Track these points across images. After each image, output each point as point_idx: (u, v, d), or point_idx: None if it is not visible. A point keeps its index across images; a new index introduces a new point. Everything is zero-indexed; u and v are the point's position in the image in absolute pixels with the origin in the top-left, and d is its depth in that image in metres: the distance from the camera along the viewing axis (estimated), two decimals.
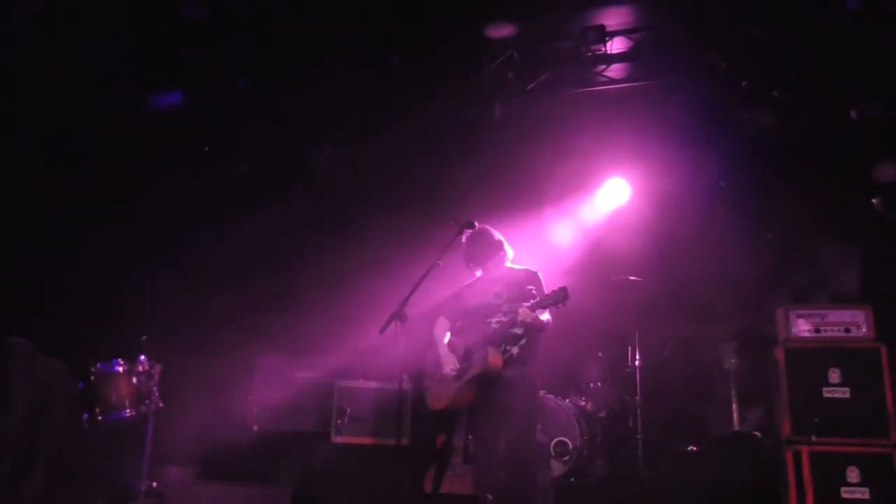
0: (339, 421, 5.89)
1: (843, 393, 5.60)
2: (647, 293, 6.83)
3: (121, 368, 5.09)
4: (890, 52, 5.43)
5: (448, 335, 5.04)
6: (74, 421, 4.88)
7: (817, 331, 5.85)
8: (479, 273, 5.02)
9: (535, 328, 4.65)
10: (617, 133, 7.29)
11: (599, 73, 6.79)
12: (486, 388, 4.68)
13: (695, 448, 5.21)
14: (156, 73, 6.58)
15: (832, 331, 5.81)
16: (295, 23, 6.03)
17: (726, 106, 6.55)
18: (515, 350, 4.68)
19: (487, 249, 4.90)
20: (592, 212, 7.60)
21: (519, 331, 4.69)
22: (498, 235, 5.00)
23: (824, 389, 5.63)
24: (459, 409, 4.95)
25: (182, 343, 5.87)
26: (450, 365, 4.80)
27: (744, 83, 6.17)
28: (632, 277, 6.58)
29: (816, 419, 5.50)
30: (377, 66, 6.47)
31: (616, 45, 6.64)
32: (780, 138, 6.57)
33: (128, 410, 5.00)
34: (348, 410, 5.89)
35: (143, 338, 5.20)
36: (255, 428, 6.13)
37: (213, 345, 6.24)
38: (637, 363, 6.57)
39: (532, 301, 4.56)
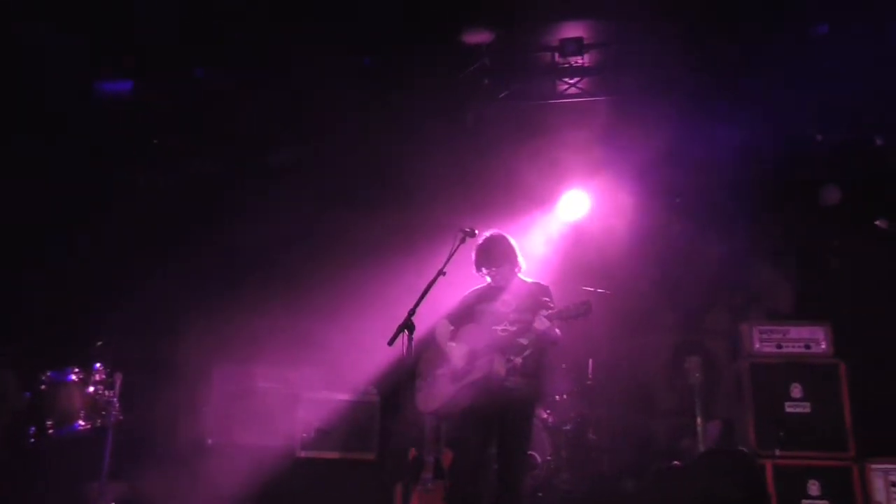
0: (304, 434, 5.61)
1: (805, 408, 5.78)
2: (611, 306, 6.85)
3: (75, 377, 4.67)
4: (848, 79, 5.65)
5: (449, 339, 4.85)
6: (18, 435, 4.42)
7: (779, 346, 6.03)
8: (488, 279, 4.88)
9: (547, 340, 4.53)
10: (581, 145, 7.32)
11: (572, 85, 6.79)
12: (485, 395, 4.53)
13: (678, 463, 5.23)
14: (113, 61, 6.13)
15: (793, 347, 6.00)
16: (270, 18, 5.75)
17: (690, 123, 6.65)
18: (519, 360, 4.54)
19: (501, 256, 4.77)
20: (556, 223, 7.59)
21: (524, 341, 4.55)
22: (514, 244, 4.89)
23: (787, 404, 5.80)
24: (450, 413, 4.73)
25: (132, 350, 5.46)
26: (455, 360, 4.62)
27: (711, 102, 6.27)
28: (600, 290, 6.58)
29: (781, 433, 5.64)
30: (351, 66, 6.24)
31: (587, 59, 6.66)
32: (738, 158, 6.72)
33: (81, 422, 4.57)
34: (315, 424, 5.61)
35: (98, 343, 4.79)
36: (210, 441, 5.75)
37: (165, 352, 5.83)
38: (602, 377, 6.59)
39: (551, 311, 4.46)
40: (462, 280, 4.88)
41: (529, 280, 4.89)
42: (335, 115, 6.87)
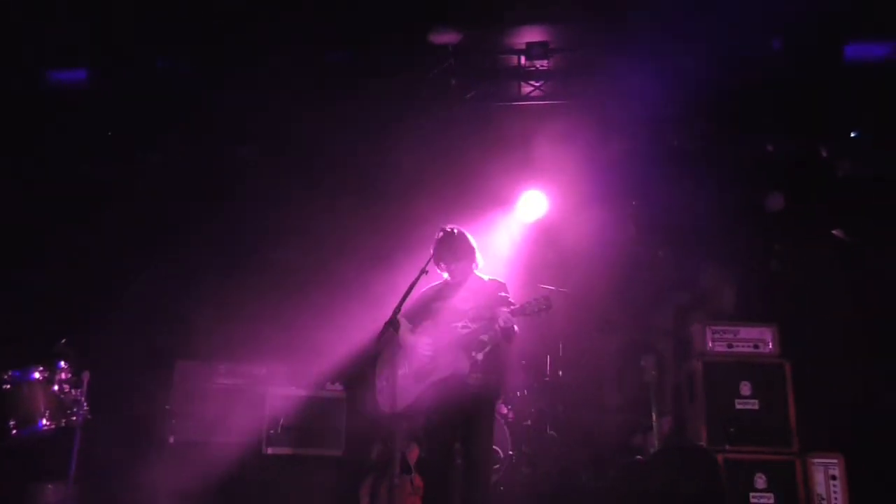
0: (271, 431, 5.58)
1: (753, 405, 6.07)
2: (569, 304, 7.03)
3: (38, 375, 4.54)
4: (807, 93, 5.95)
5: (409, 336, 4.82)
6: None
7: (730, 346, 6.32)
8: (445, 276, 4.89)
9: (506, 336, 4.54)
10: (542, 147, 7.45)
11: (536, 88, 6.91)
12: (449, 393, 4.51)
13: (641, 458, 5.43)
14: (67, 49, 5.94)
15: (743, 346, 6.30)
16: (238, 10, 5.66)
17: (651, 130, 6.87)
18: (480, 357, 4.58)
19: (459, 252, 4.77)
20: (515, 222, 7.72)
21: (485, 338, 4.59)
22: (472, 241, 4.91)
23: (737, 401, 6.09)
24: (415, 413, 4.75)
25: (92, 346, 5.33)
26: (417, 360, 4.62)
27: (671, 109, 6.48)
28: (560, 289, 6.75)
29: (731, 429, 5.91)
30: (317, 62, 6.21)
31: (551, 62, 6.81)
32: (699, 166, 6.97)
33: (45, 422, 4.44)
34: (281, 420, 5.59)
35: (62, 341, 4.66)
36: (172, 439, 5.66)
37: (125, 347, 5.71)
38: (560, 373, 6.77)
39: (513, 307, 4.49)
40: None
41: (486, 277, 4.92)
42: (300, 112, 6.83)
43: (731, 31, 6.15)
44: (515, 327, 4.52)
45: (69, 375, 4.63)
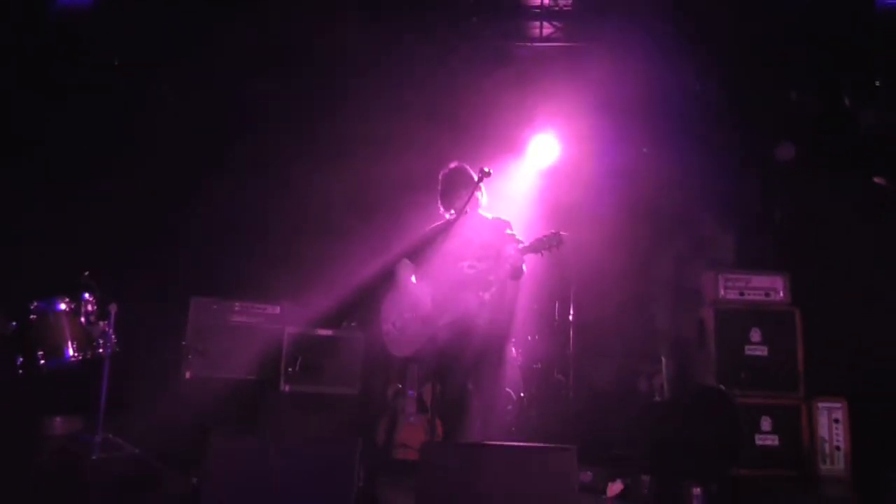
0: (290, 369, 5.58)
1: (762, 351, 6.19)
2: (578, 250, 7.03)
3: (64, 306, 4.47)
4: (834, 41, 5.90)
5: (413, 278, 4.77)
6: (6, 365, 4.22)
7: (741, 294, 6.41)
8: (448, 215, 4.80)
9: (513, 274, 4.47)
10: (555, 89, 7.35)
11: (558, 29, 6.80)
12: (459, 335, 4.49)
13: (658, 400, 5.54)
14: None
15: (754, 294, 6.39)
16: None
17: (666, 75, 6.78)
18: (487, 296, 4.50)
19: (463, 189, 4.68)
20: (526, 166, 7.66)
21: (492, 277, 4.50)
22: (476, 177, 4.74)
23: (746, 347, 6.21)
24: (426, 356, 4.72)
25: (107, 281, 5.25)
26: (422, 308, 4.58)
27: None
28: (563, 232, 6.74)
29: (742, 374, 6.03)
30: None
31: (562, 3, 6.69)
32: (707, 111, 6.92)
33: (72, 353, 4.40)
34: (300, 358, 5.59)
35: (85, 273, 4.58)
36: (188, 374, 5.65)
37: (140, 282, 5.63)
38: (571, 318, 6.82)
39: (524, 244, 4.39)
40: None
41: (489, 215, 4.85)
42: (305, 49, 6.66)
43: None
44: (524, 266, 4.47)
45: (95, 307, 4.57)
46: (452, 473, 3.05)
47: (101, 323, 4.52)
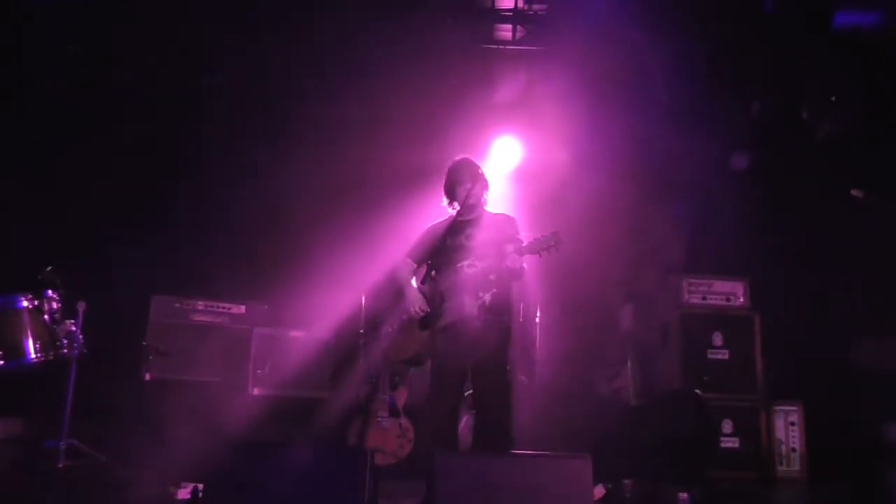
0: (258, 371, 5.39)
1: (724, 354, 6.36)
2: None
3: (26, 303, 4.17)
4: (794, 56, 6.12)
5: (413, 279, 4.60)
6: None
7: (704, 298, 6.57)
8: (452, 209, 4.60)
9: (513, 275, 4.34)
10: (522, 92, 7.38)
11: (529, 32, 6.81)
12: (456, 338, 4.30)
13: (635, 404, 5.59)
14: None
15: (716, 299, 6.56)
16: None
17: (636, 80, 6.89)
18: (488, 298, 4.34)
19: (468, 183, 4.50)
20: (489, 165, 7.64)
21: (493, 277, 4.33)
22: (483, 171, 4.63)
23: (709, 350, 6.36)
24: (424, 359, 4.53)
25: (65, 277, 4.96)
26: (418, 307, 4.41)
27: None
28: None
29: (705, 377, 6.17)
30: None
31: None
32: (668, 119, 7.05)
33: (34, 354, 4.11)
34: (269, 360, 5.41)
35: (47, 269, 4.29)
36: (148, 376, 5.39)
37: (99, 279, 5.33)
38: (537, 320, 6.84)
39: (520, 245, 4.25)
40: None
41: (494, 211, 4.70)
42: (271, 43, 6.48)
43: None
44: (524, 265, 4.34)
45: (60, 305, 4.29)
46: (469, 483, 2.97)
47: (68, 322, 4.24)
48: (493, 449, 4.27)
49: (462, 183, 4.50)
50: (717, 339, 6.38)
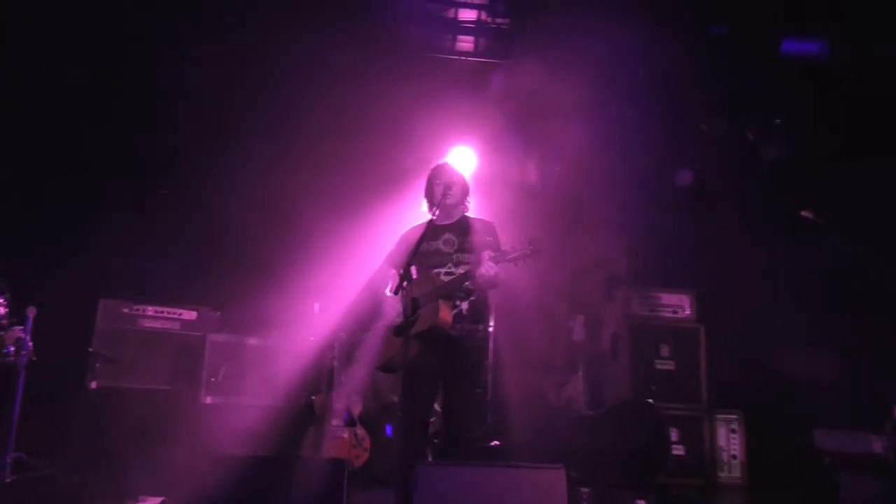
0: (213, 378, 5.25)
1: (671, 365, 6.56)
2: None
3: None
4: (743, 79, 6.37)
5: (389, 287, 4.48)
6: None
7: (652, 310, 6.76)
8: (432, 214, 4.46)
9: (489, 284, 4.27)
10: (478, 103, 7.43)
11: (494, 45, 6.88)
12: (431, 346, 4.23)
13: (591, 414, 5.69)
14: None
15: (664, 311, 6.76)
16: None
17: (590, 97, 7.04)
18: (465, 306, 4.29)
19: (448, 188, 4.40)
20: None
21: (469, 285, 4.26)
22: (464, 177, 4.58)
23: (656, 361, 6.55)
24: (397, 366, 4.35)
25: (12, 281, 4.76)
26: (394, 314, 4.34)
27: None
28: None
29: (653, 387, 6.35)
30: None
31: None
32: (621, 136, 7.24)
33: None
34: (224, 368, 5.28)
35: None
36: (94, 384, 5.19)
37: (45, 283, 5.11)
38: (491, 329, 6.89)
39: (497, 254, 4.17)
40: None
41: (473, 216, 4.63)
42: (227, 49, 6.36)
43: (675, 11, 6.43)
44: (502, 275, 4.26)
45: (6, 310, 4.09)
46: (447, 493, 2.98)
47: (17, 328, 4.05)
48: (460, 457, 4.26)
49: (441, 190, 4.44)
50: (665, 350, 6.58)
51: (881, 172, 5.94)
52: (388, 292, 4.45)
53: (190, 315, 5.64)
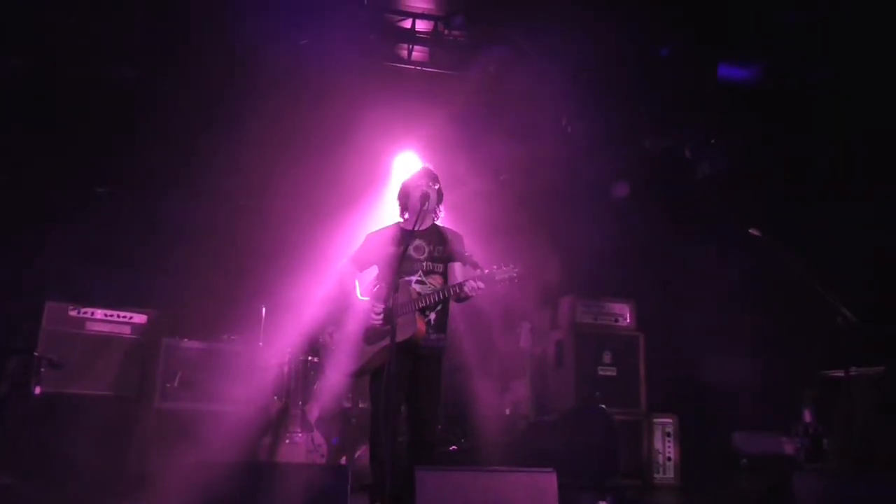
0: (167, 384, 5.11)
1: (612, 371, 6.84)
2: None
3: None
4: (682, 100, 6.75)
5: (358, 286, 4.47)
6: None
7: (595, 319, 7.03)
8: (402, 219, 4.49)
9: (463, 297, 4.26)
10: (424, 112, 7.54)
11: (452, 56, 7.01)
12: (402, 356, 4.16)
13: (547, 419, 5.85)
14: None
15: (606, 319, 7.05)
16: None
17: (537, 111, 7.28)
18: (433, 316, 4.31)
19: (423, 193, 4.32)
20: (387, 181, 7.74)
21: (437, 297, 4.25)
22: (438, 183, 4.49)
23: (599, 368, 6.82)
24: (366, 372, 4.37)
25: None
26: (371, 318, 4.28)
27: None
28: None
29: (597, 393, 6.61)
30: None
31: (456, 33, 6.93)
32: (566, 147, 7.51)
33: None
34: (179, 373, 5.14)
35: None
36: (38, 390, 4.96)
37: None
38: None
39: (483, 273, 4.15)
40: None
41: (441, 225, 4.61)
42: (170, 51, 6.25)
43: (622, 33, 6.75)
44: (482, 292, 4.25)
45: None
46: (447, 497, 3.04)
47: None
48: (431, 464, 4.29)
49: (416, 195, 4.39)
50: (607, 356, 6.86)
51: (805, 186, 6.46)
52: (359, 296, 4.45)
53: (140, 318, 5.48)
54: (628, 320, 7.05)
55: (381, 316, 4.35)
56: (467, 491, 3.13)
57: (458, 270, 4.43)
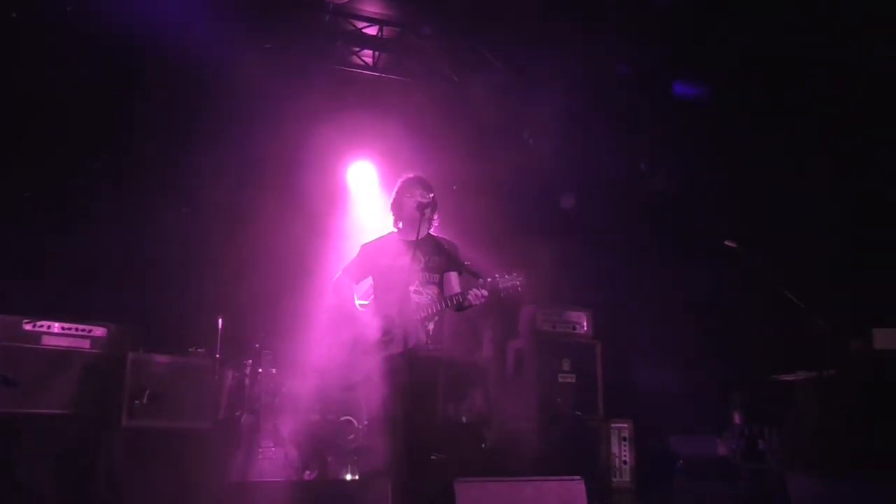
0: (136, 401, 4.82)
1: (571, 378, 6.97)
2: None
3: None
4: (639, 116, 6.99)
5: (356, 298, 4.42)
6: None
7: (554, 327, 7.15)
8: (397, 228, 4.46)
9: (464, 308, 4.28)
10: (378, 118, 7.49)
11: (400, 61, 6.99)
12: (402, 366, 4.14)
13: (523, 426, 5.89)
14: None
15: (565, 327, 7.17)
16: None
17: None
18: (431, 326, 4.30)
19: (418, 202, 4.33)
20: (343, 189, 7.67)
21: (436, 308, 4.23)
22: (432, 192, 4.46)
23: (559, 375, 6.93)
24: (367, 384, 4.28)
25: None
26: (371, 329, 4.22)
27: None
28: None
29: (558, 399, 6.73)
30: None
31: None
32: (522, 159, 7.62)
33: None
34: (148, 389, 4.86)
35: None
36: None
37: None
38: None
39: (487, 282, 4.18)
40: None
41: (434, 234, 4.60)
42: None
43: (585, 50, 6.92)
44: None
45: None
46: None
47: None
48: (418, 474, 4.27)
49: (410, 204, 4.38)
50: (566, 364, 6.99)
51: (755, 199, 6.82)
52: (358, 306, 4.39)
53: (100, 332, 5.15)
54: (585, 328, 7.20)
55: (383, 327, 4.28)
56: (504, 499, 3.13)
57: (454, 280, 4.43)
